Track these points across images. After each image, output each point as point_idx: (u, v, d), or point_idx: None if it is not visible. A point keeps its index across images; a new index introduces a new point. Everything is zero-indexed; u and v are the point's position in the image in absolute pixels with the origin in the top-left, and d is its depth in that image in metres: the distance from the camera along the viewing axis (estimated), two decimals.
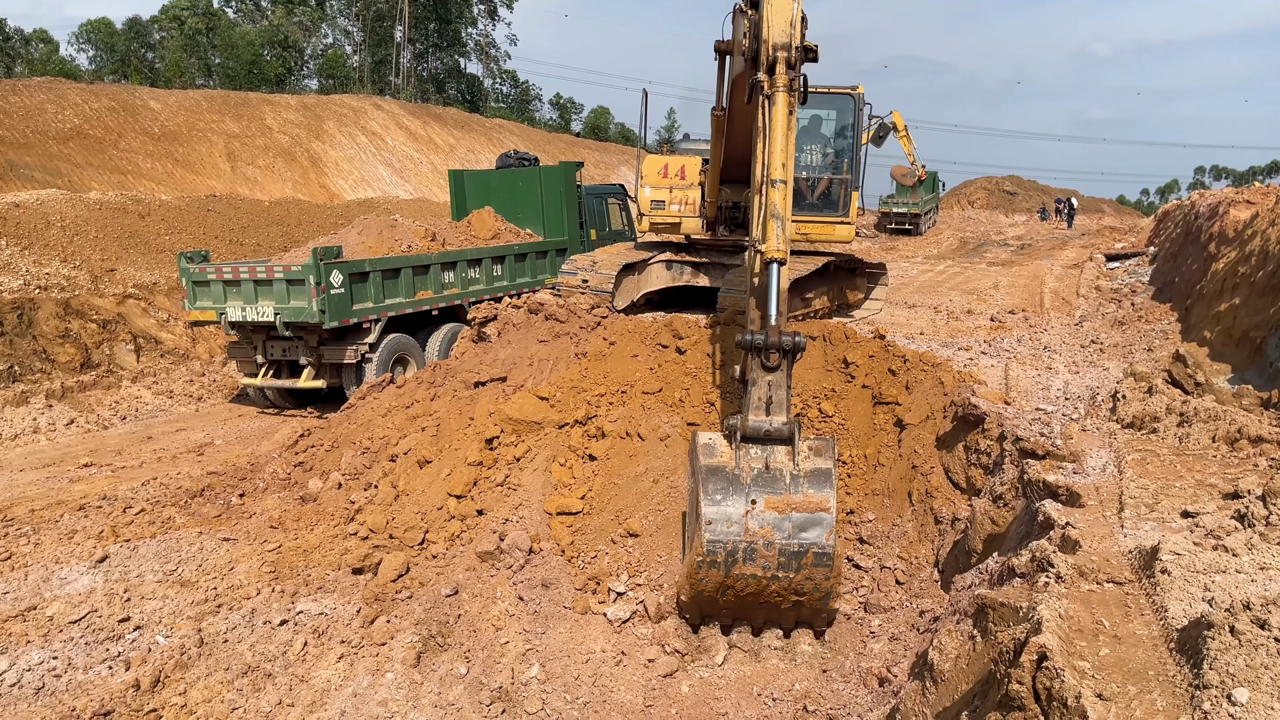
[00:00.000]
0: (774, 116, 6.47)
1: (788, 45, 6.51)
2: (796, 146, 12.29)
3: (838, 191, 12.11)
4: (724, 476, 6.10)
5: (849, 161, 12.13)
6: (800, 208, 12.17)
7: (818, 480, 6.07)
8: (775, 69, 6.49)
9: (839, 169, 12.19)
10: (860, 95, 12.03)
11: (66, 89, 36.61)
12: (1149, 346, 11.45)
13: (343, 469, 9.68)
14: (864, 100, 12.00)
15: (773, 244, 6.29)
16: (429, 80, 70.50)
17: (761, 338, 6.04)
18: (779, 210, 6.34)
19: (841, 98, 12.19)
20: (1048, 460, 6.60)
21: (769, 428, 6.10)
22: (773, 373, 6.09)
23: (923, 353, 9.05)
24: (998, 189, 76.14)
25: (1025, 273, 23.21)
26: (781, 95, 6.46)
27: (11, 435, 12.94)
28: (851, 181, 12.04)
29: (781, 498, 6.03)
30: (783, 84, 6.45)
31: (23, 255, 16.72)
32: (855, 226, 12.04)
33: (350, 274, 13.13)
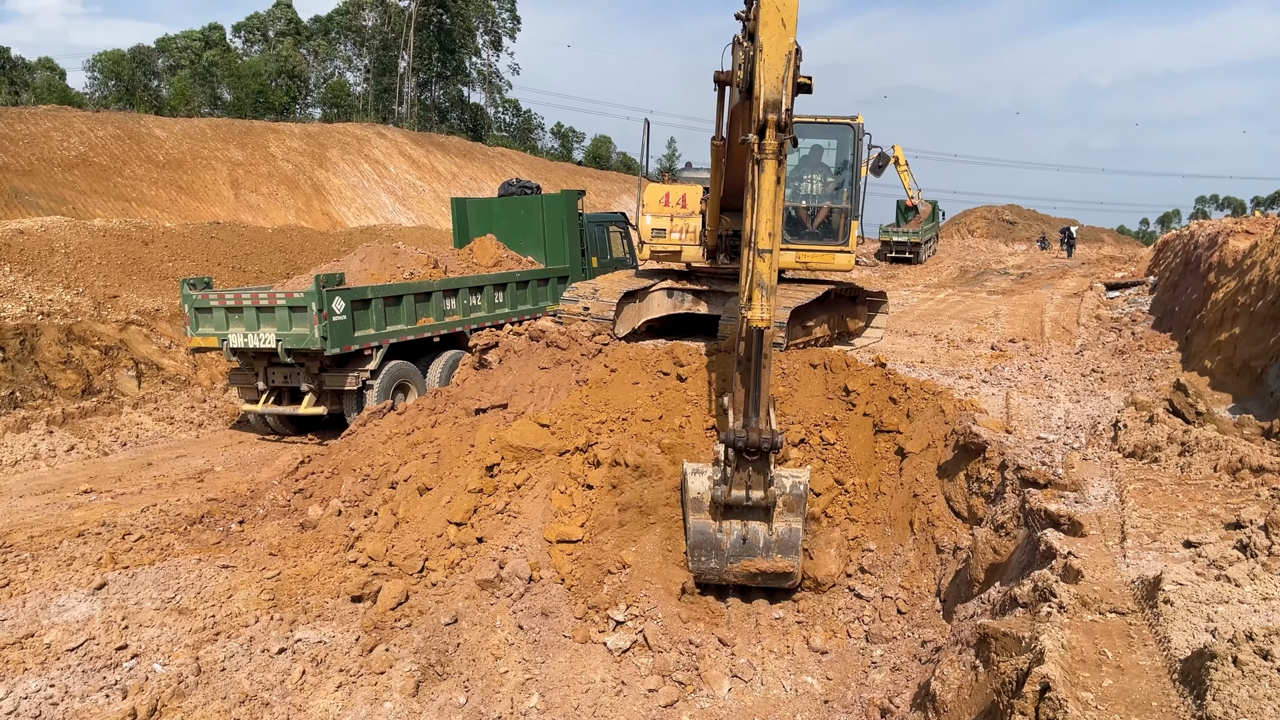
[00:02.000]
0: (763, 184, 6.53)
1: (778, 105, 6.47)
2: (797, 176, 12.39)
3: (837, 220, 12.17)
4: (708, 542, 7.23)
5: (849, 191, 12.20)
6: (800, 236, 12.23)
7: (786, 546, 7.17)
8: (766, 132, 6.47)
9: (839, 198, 12.26)
10: (860, 125, 12.12)
11: (72, 117, 36.89)
12: (1150, 375, 11.46)
13: (343, 496, 9.66)
14: (863, 130, 12.09)
15: (757, 313, 6.54)
16: (432, 109, 71.01)
17: (743, 439, 6.63)
18: (764, 280, 6.53)
19: (841, 128, 12.28)
20: (1049, 489, 6.59)
21: (748, 503, 6.97)
22: (754, 463, 6.76)
23: (923, 381, 9.05)
24: (997, 218, 76.42)
25: (1025, 301, 23.26)
26: (770, 163, 6.49)
27: (12, 461, 12.92)
28: (851, 211, 12.11)
29: (754, 562, 7.22)
30: (771, 151, 6.47)
31: (26, 281, 16.79)
32: (855, 255, 12.09)
33: (352, 301, 13.16)
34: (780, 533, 7.12)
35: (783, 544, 7.15)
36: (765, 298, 6.50)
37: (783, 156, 6.55)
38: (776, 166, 6.50)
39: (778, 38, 6.42)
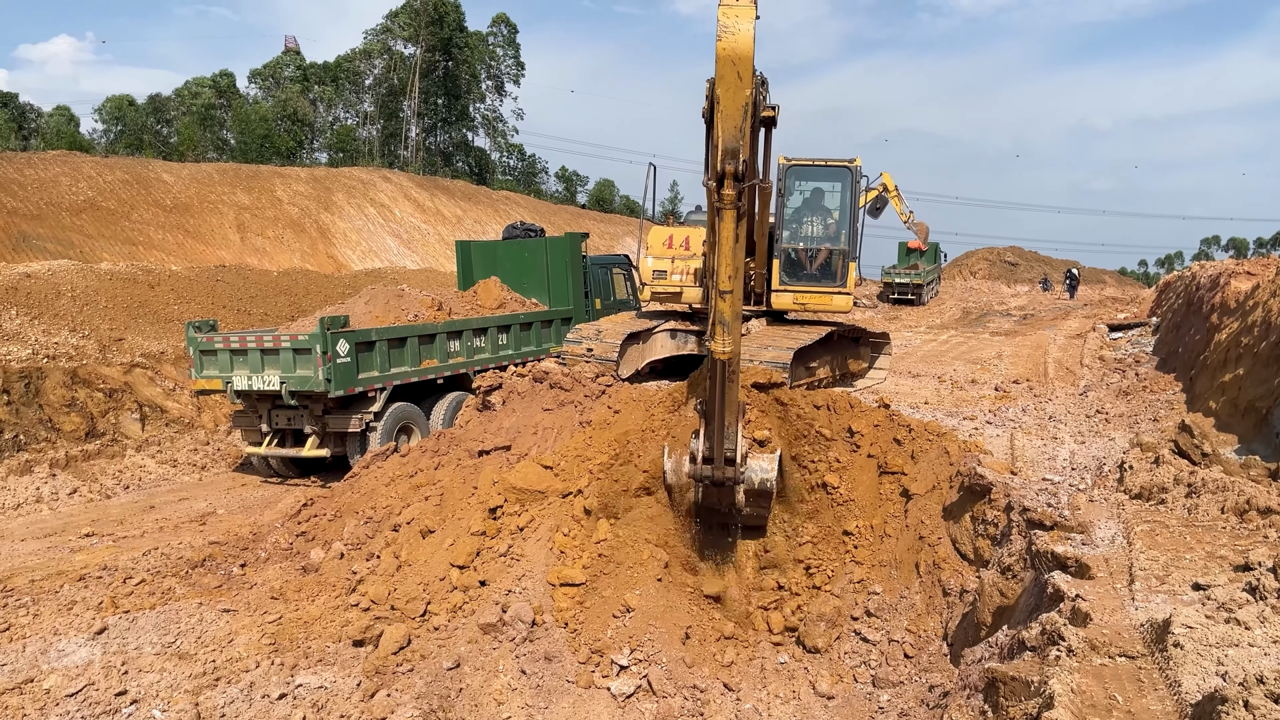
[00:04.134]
0: (722, 231, 6.76)
1: (735, 154, 6.60)
2: (796, 218, 12.47)
3: (835, 262, 12.25)
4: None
5: (846, 233, 12.29)
6: (798, 278, 12.32)
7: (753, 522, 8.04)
8: (725, 182, 6.63)
9: (837, 240, 12.34)
10: (858, 168, 12.22)
11: (81, 162, 37.31)
12: (1154, 417, 11.43)
13: (345, 539, 9.61)
14: (861, 173, 12.21)
15: (719, 345, 6.92)
16: (437, 153, 71.74)
17: (709, 477, 7.36)
18: (725, 318, 6.92)
19: (839, 170, 12.38)
20: (1056, 531, 6.55)
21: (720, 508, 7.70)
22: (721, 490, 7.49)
23: (928, 422, 9.03)
24: (999, 260, 76.79)
25: (1029, 343, 23.27)
26: (729, 212, 6.69)
27: (14, 504, 12.89)
28: (849, 252, 12.19)
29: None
30: (729, 200, 6.65)
31: (32, 325, 16.87)
32: (853, 297, 12.16)
33: (356, 343, 13.21)
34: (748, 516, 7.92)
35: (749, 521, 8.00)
36: (726, 332, 6.93)
37: (741, 206, 6.74)
38: (735, 216, 6.70)
39: (734, 91, 6.55)
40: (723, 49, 6.48)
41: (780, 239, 12.41)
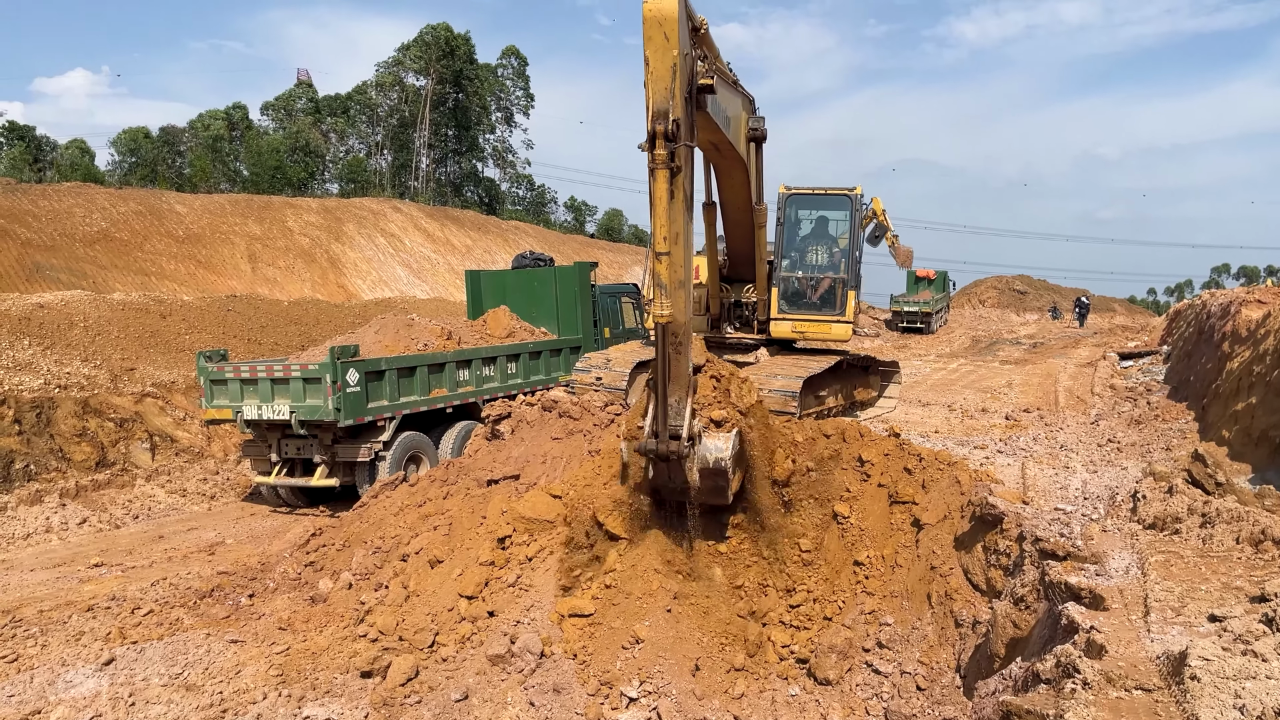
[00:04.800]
0: (655, 193, 6.86)
1: (665, 115, 6.72)
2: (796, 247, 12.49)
3: (835, 291, 12.26)
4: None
5: (846, 261, 12.28)
6: (799, 307, 12.34)
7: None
8: (656, 142, 6.73)
9: (836, 268, 12.34)
10: (858, 196, 12.22)
11: (95, 193, 37.69)
12: (1167, 445, 11.35)
13: (353, 569, 9.59)
14: (861, 201, 12.22)
15: (656, 309, 7.06)
16: (447, 184, 72.24)
17: (654, 450, 7.26)
18: (662, 280, 7.04)
19: (840, 199, 12.40)
20: (1069, 562, 6.49)
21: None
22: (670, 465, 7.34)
23: (938, 451, 8.99)
24: (1008, 288, 76.73)
25: (1039, 371, 23.18)
26: (661, 172, 6.77)
27: (24, 534, 12.90)
28: (848, 281, 12.17)
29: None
30: (661, 160, 6.73)
31: (44, 355, 16.97)
32: (853, 326, 12.15)
33: (366, 372, 13.24)
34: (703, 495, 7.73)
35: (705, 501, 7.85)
36: (664, 295, 7.07)
37: (674, 166, 6.80)
38: (668, 176, 6.80)
39: (661, 51, 6.68)
40: (649, 10, 6.66)
41: (779, 267, 12.43)
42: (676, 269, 7.09)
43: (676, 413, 7.33)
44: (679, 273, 7.11)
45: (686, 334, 7.38)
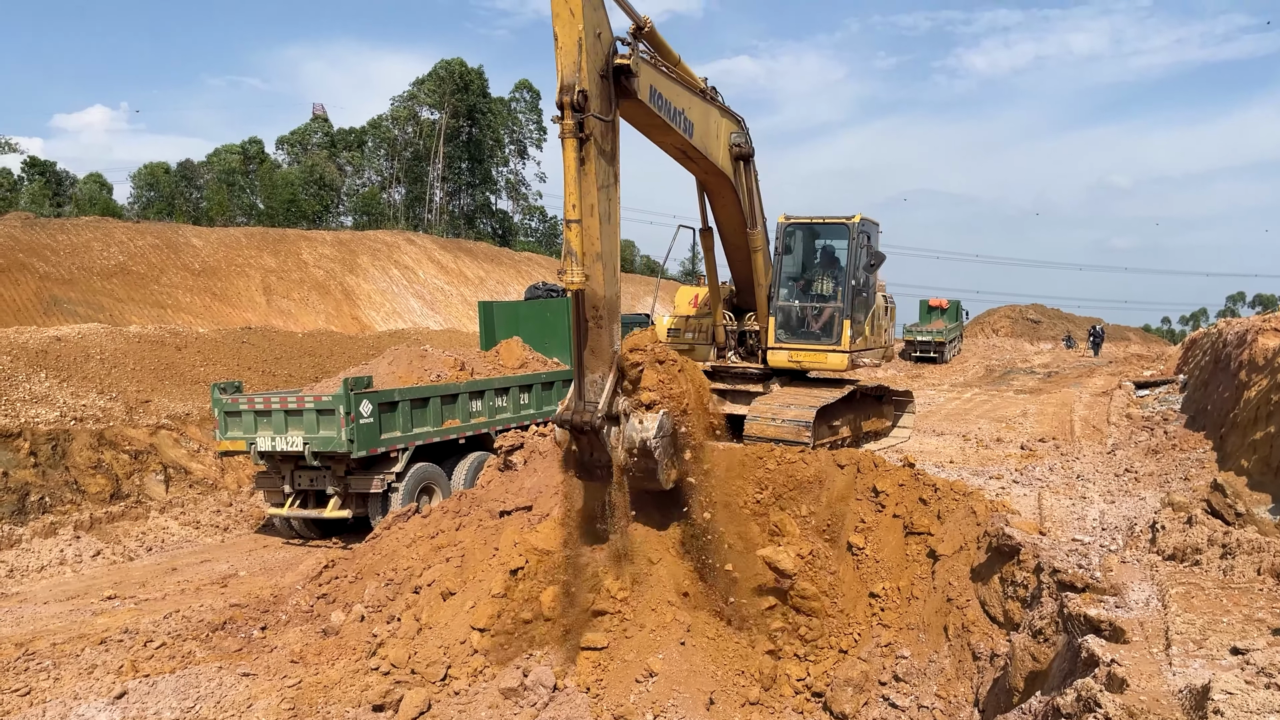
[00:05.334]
0: (564, 161, 7.23)
1: (571, 88, 7.11)
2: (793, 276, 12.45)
3: (831, 320, 12.25)
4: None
5: (843, 290, 12.25)
6: (795, 336, 12.34)
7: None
8: (564, 112, 7.16)
9: (832, 297, 12.34)
10: (855, 224, 12.18)
11: (113, 227, 38.10)
12: (1185, 475, 11.24)
13: (366, 601, 9.55)
14: (859, 229, 12.18)
15: (567, 276, 7.26)
16: (461, 216, 72.74)
17: (568, 421, 7.54)
18: (572, 248, 7.28)
19: (836, 227, 12.41)
20: (1088, 593, 6.41)
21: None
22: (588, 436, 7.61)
23: (953, 481, 8.93)
24: (1021, 317, 76.48)
25: (1054, 400, 23.05)
26: (569, 141, 7.16)
27: (38, 567, 12.92)
28: (844, 310, 12.11)
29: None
30: (568, 130, 7.14)
31: (61, 387, 17.08)
32: (849, 355, 12.12)
33: (380, 403, 13.26)
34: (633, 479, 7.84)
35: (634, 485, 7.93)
36: (575, 263, 7.26)
37: (583, 135, 7.23)
38: (576, 145, 7.19)
39: (568, 26, 7.17)
40: None
41: (777, 296, 12.43)
42: (592, 240, 7.43)
43: (600, 389, 7.63)
44: (595, 245, 7.46)
45: (609, 310, 7.70)
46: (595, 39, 7.53)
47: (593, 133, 7.34)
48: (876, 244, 12.86)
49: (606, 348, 7.74)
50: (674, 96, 9.18)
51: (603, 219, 7.78)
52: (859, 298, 12.41)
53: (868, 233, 12.54)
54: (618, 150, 8.01)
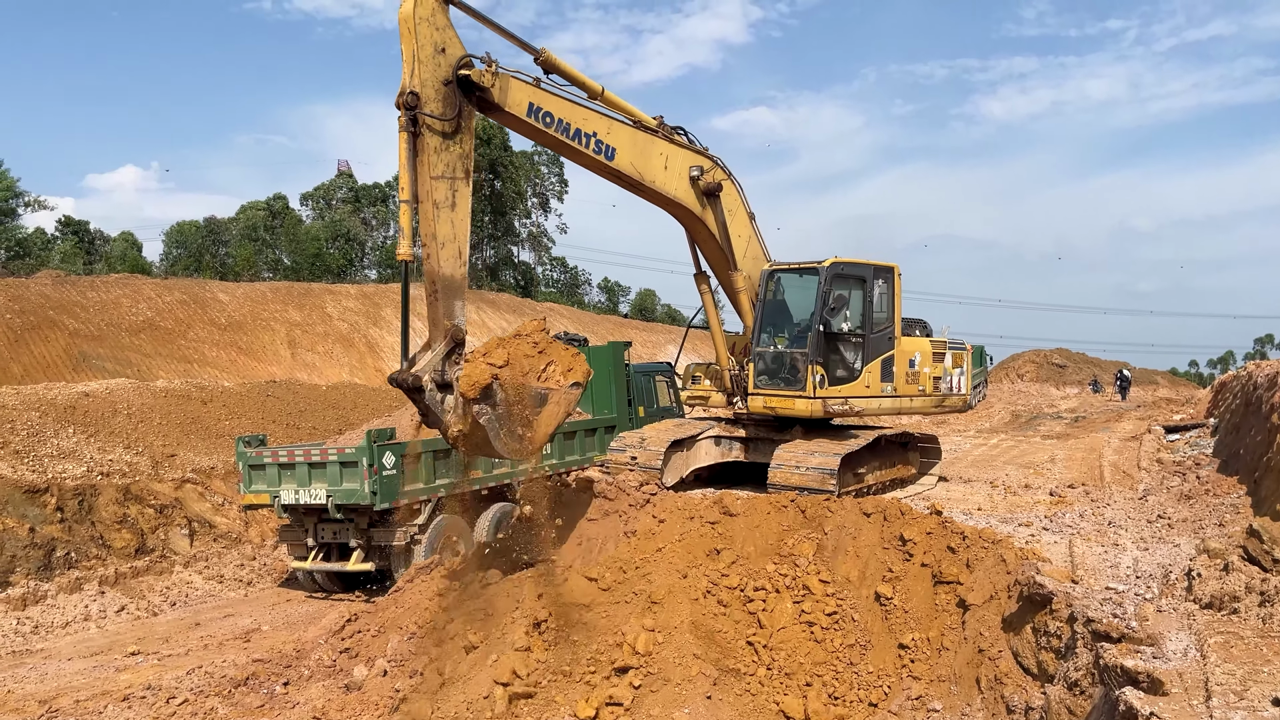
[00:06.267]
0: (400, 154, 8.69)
1: (404, 90, 8.65)
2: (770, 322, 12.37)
3: (798, 366, 12.10)
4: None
5: (811, 335, 11.99)
6: (772, 381, 12.26)
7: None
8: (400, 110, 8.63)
9: (802, 343, 12.14)
10: (825, 268, 11.92)
11: (142, 284, 38.72)
12: (1220, 521, 11.01)
13: (389, 655, 9.47)
14: (829, 273, 11.89)
15: (399, 249, 8.87)
16: (484, 268, 73.44)
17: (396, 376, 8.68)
18: (401, 224, 8.82)
19: (809, 272, 12.23)
20: (1124, 644, 6.26)
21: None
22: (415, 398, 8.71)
23: (982, 529, 8.79)
24: (1046, 362, 75.87)
25: (1082, 445, 22.75)
26: (401, 134, 8.68)
27: (63, 623, 12.93)
28: (809, 354, 11.88)
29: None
30: (401, 124, 8.70)
31: (88, 442, 17.23)
32: (822, 401, 11.76)
33: (402, 455, 13.27)
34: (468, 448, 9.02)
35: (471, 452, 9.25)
36: (403, 238, 8.78)
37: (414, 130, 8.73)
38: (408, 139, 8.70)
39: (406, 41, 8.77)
40: (399, 12, 8.76)
41: (755, 342, 12.40)
42: (427, 223, 8.96)
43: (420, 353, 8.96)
44: (430, 227, 8.93)
45: (445, 286, 9.05)
46: (437, 53, 9.04)
47: (427, 129, 8.83)
48: (880, 289, 12.33)
49: (441, 319, 8.99)
50: (574, 118, 10.39)
51: (444, 206, 9.15)
52: (849, 342, 12.11)
53: (851, 275, 12.18)
54: (470, 150, 9.44)
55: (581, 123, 10.51)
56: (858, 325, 12.23)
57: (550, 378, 9.57)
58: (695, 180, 11.70)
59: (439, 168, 9.09)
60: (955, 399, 13.52)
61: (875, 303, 12.43)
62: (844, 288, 12.14)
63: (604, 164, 10.83)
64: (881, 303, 12.53)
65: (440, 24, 9.16)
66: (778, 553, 8.75)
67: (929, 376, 12.99)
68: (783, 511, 9.17)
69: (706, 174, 11.77)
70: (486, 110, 9.85)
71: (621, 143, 10.95)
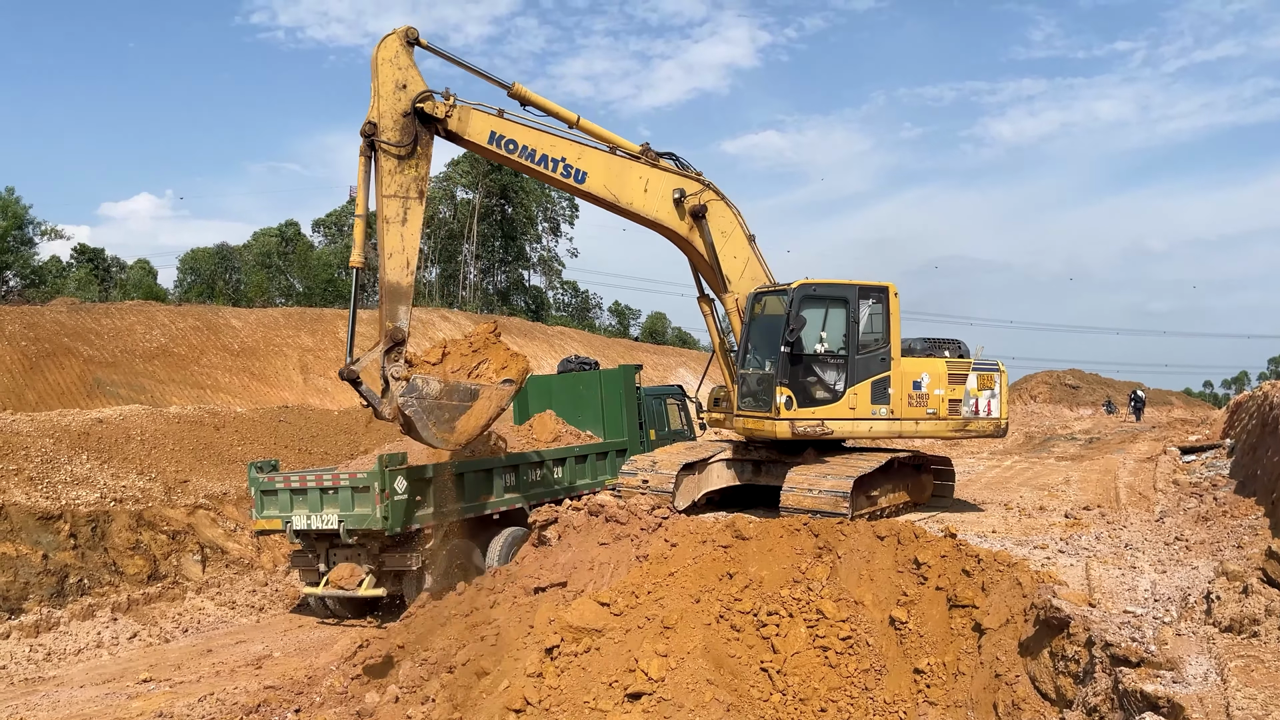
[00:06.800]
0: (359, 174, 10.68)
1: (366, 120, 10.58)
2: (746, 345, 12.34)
3: (767, 388, 12.00)
4: None
5: (774, 358, 11.91)
6: (753, 403, 12.17)
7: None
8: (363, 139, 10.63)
9: (771, 365, 12.03)
10: (795, 290, 11.80)
11: (155, 311, 38.98)
12: (1238, 543, 10.89)
13: (400, 681, 9.43)
14: (797, 294, 11.75)
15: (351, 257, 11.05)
16: (495, 293, 73.70)
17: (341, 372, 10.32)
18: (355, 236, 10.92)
19: (779, 294, 12.13)
20: (1143, 668, 6.18)
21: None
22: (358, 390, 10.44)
23: (997, 552, 8.72)
24: (1059, 383, 75.52)
25: (1097, 467, 22.59)
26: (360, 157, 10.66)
27: (75, 650, 12.92)
28: (776, 376, 11.77)
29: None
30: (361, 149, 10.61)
31: (102, 469, 17.28)
32: (786, 423, 11.53)
33: (414, 479, 13.26)
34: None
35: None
36: (355, 248, 10.87)
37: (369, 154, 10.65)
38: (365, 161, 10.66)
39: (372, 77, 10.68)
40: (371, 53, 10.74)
41: (739, 364, 12.41)
42: (383, 238, 10.66)
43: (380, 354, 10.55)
44: (381, 239, 10.66)
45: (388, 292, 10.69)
46: (398, 89, 10.72)
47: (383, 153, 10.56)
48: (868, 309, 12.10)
49: (384, 321, 10.56)
50: (540, 145, 11.51)
51: (395, 221, 10.74)
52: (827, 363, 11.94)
53: (828, 296, 12.03)
54: (424, 174, 11.03)
55: (549, 149, 11.54)
56: (839, 346, 12.01)
57: (483, 375, 11.27)
58: (679, 202, 12.07)
59: (392, 188, 10.69)
60: (983, 423, 12.77)
61: (863, 323, 12.10)
62: (817, 308, 12.00)
63: (576, 187, 11.73)
64: (872, 323, 12.16)
65: (403, 64, 10.80)
66: (791, 577, 8.69)
67: (942, 399, 12.46)
68: (796, 535, 9.12)
69: (690, 196, 12.08)
70: (452, 138, 11.22)
71: (594, 167, 11.74)
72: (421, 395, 10.34)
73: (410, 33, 10.86)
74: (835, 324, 12.07)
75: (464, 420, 10.77)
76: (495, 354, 11.54)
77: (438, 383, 10.65)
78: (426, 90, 10.73)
